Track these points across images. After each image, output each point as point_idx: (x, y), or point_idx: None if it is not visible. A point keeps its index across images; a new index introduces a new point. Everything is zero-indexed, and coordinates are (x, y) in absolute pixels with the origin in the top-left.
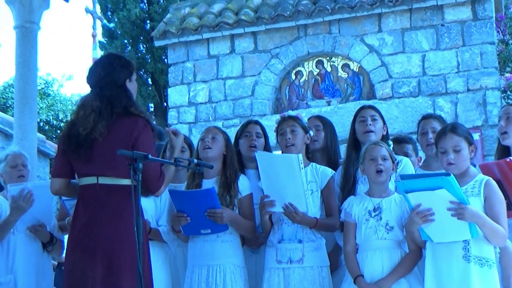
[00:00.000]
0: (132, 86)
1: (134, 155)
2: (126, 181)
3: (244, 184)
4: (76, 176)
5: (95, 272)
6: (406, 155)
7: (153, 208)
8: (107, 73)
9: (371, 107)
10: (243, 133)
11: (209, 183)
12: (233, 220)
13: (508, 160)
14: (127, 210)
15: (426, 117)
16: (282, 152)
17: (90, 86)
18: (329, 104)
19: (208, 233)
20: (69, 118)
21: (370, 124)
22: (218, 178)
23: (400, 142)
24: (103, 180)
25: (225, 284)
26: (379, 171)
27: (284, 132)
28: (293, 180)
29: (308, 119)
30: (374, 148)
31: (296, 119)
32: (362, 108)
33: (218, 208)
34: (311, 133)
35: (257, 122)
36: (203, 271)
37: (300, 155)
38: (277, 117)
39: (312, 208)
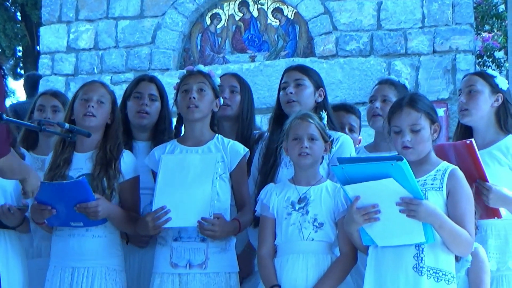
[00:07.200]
0: None
1: None
2: None
3: (128, 164)
4: None
5: None
6: (351, 129)
7: (13, 184)
8: None
9: (297, 68)
10: (133, 93)
11: (82, 158)
12: (111, 214)
13: (468, 142)
14: None
15: (382, 82)
16: (181, 115)
17: None
18: (253, 60)
19: (80, 226)
20: None
21: (291, 92)
22: (95, 152)
23: (348, 111)
24: None
25: None
26: (303, 154)
27: (189, 89)
28: (201, 183)
29: (221, 77)
30: (300, 125)
31: (207, 76)
32: (286, 70)
33: (91, 201)
34: (222, 100)
35: (152, 79)
36: (66, 274)
37: (219, 155)
38: (183, 71)
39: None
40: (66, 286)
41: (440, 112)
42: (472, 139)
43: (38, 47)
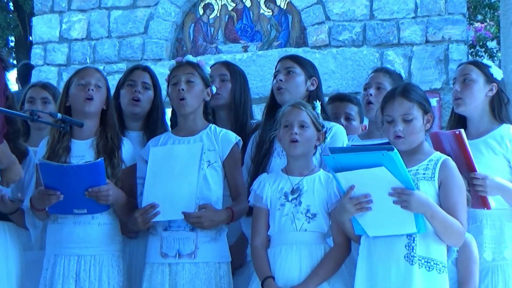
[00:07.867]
0: None
1: None
2: None
3: (129, 151)
4: None
5: None
6: (348, 118)
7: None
8: None
9: (289, 57)
10: (126, 81)
11: (83, 145)
12: (117, 199)
13: (457, 132)
14: None
15: (377, 70)
16: (173, 107)
17: None
18: (246, 50)
19: (84, 214)
20: None
21: (281, 80)
22: (95, 140)
23: (343, 100)
24: None
25: (100, 279)
26: (293, 141)
27: (178, 82)
28: (187, 174)
29: (211, 67)
30: (290, 112)
31: (195, 66)
32: (280, 60)
33: (103, 185)
34: (214, 88)
35: (146, 69)
36: (71, 262)
37: (207, 144)
38: (173, 63)
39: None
40: (72, 275)
41: (433, 102)
42: (462, 129)
43: (30, 37)
